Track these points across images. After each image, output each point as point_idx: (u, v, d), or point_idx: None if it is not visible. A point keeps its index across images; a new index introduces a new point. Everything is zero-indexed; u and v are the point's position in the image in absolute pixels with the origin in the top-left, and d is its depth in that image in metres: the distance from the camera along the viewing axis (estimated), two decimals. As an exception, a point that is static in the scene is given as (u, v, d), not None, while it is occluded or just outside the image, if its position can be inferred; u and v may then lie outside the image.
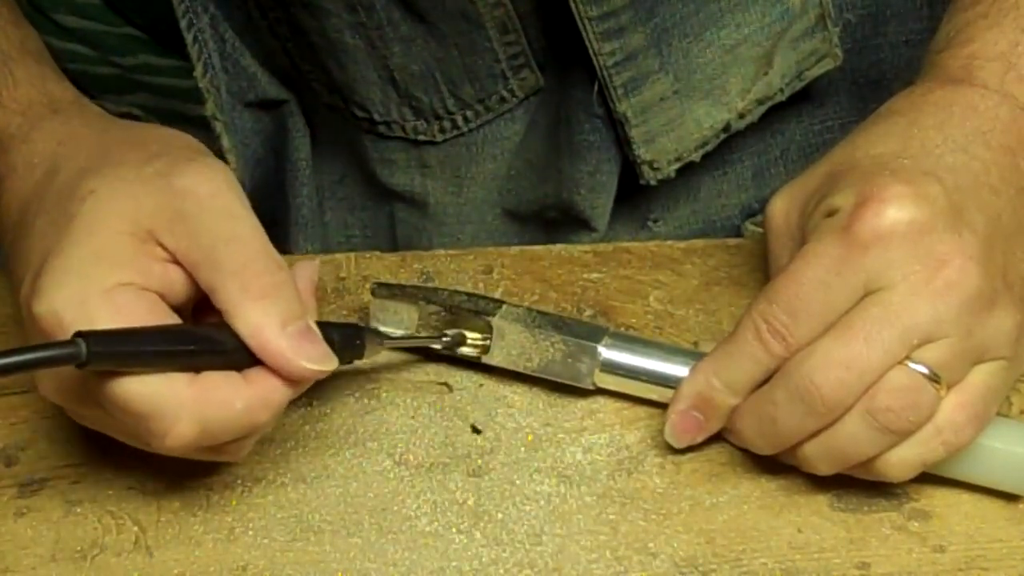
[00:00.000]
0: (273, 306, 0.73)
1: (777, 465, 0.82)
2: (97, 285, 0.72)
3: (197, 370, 0.72)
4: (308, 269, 0.81)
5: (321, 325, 0.76)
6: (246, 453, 0.79)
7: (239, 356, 0.73)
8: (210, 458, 0.78)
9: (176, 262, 0.74)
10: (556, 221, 1.05)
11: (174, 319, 0.74)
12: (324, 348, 0.75)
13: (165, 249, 0.74)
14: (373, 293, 0.87)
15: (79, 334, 0.68)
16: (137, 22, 1.03)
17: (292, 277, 0.75)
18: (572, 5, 0.91)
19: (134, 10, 1.02)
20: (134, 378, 0.71)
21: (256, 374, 0.73)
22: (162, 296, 0.74)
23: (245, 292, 0.73)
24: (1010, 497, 0.82)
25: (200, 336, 0.73)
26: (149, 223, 0.74)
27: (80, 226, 0.73)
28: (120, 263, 0.73)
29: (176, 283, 0.75)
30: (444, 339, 0.86)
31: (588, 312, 0.91)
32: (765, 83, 1.00)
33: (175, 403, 0.71)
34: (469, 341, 0.86)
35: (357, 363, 0.83)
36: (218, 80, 0.97)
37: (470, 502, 0.82)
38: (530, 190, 1.05)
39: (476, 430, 0.86)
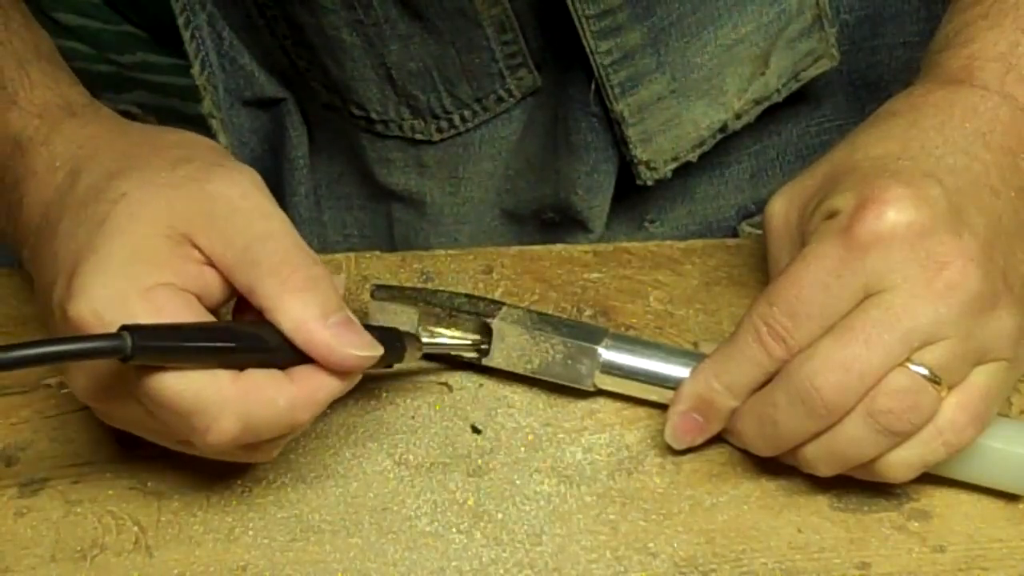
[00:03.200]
0: (313, 299, 0.73)
1: (777, 465, 0.82)
2: (137, 284, 0.72)
3: (240, 367, 0.72)
4: (336, 283, 0.80)
5: (363, 327, 0.76)
6: (278, 453, 0.79)
7: (282, 354, 0.73)
8: (245, 458, 0.78)
9: (211, 264, 0.74)
10: (553, 222, 1.05)
11: (211, 320, 0.74)
12: (368, 336, 0.75)
13: (200, 251, 0.74)
14: (372, 295, 0.87)
15: (125, 327, 0.68)
16: (135, 20, 1.03)
17: (327, 271, 0.75)
18: (569, 3, 0.91)
19: (132, 8, 1.02)
20: (177, 373, 0.71)
21: (300, 372, 0.73)
22: (198, 298, 0.74)
23: (284, 287, 0.73)
24: (1010, 497, 0.82)
25: (243, 333, 0.73)
26: (183, 226, 0.74)
27: (114, 227, 0.73)
28: (158, 263, 0.73)
29: (211, 285, 0.75)
30: (482, 347, 0.86)
31: (588, 312, 0.91)
32: (762, 83, 1.00)
33: (219, 399, 0.71)
34: (469, 343, 0.86)
35: (397, 367, 0.83)
36: (215, 78, 0.97)
37: (470, 502, 0.82)
38: (528, 190, 1.05)
39: (476, 430, 0.86)
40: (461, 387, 0.88)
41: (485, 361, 0.86)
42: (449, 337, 0.87)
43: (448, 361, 0.88)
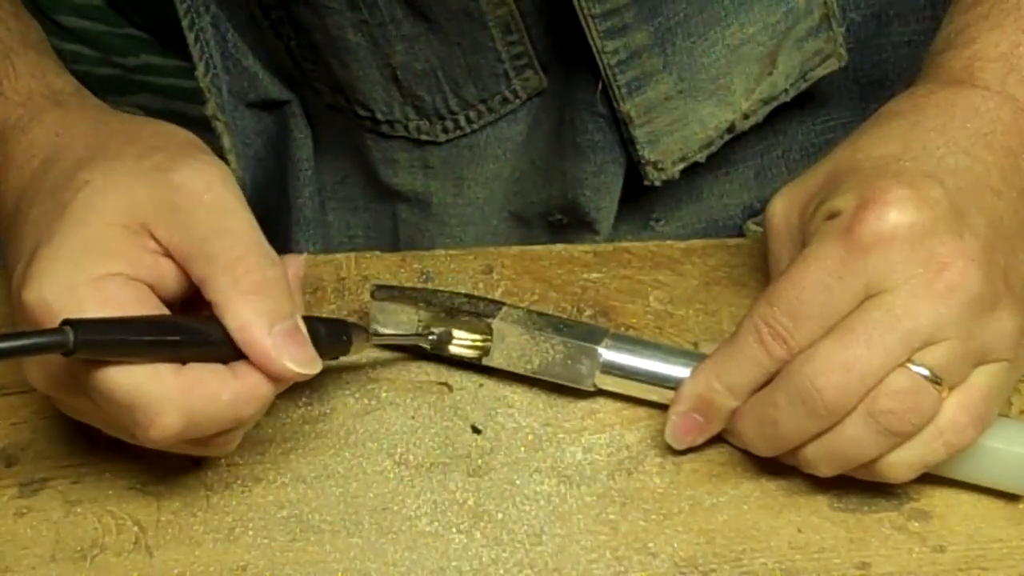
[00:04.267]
0: (262, 303, 0.73)
1: (777, 465, 0.82)
2: (86, 274, 0.72)
3: (184, 361, 0.72)
4: (295, 264, 0.80)
5: (308, 319, 0.76)
6: (234, 447, 0.78)
7: (226, 349, 0.73)
8: (197, 452, 0.78)
9: (168, 255, 0.75)
10: (560, 223, 1.05)
11: (164, 311, 0.74)
12: (309, 351, 0.75)
13: (158, 242, 0.74)
14: (373, 295, 0.87)
15: (67, 322, 0.68)
16: (138, 23, 1.03)
17: (285, 274, 0.75)
18: (575, 3, 0.91)
19: (135, 10, 1.02)
20: (119, 368, 0.71)
21: (243, 367, 0.73)
22: (153, 288, 0.74)
23: (235, 286, 0.73)
24: (1010, 497, 0.82)
25: (188, 327, 0.73)
26: (143, 215, 0.74)
27: (73, 216, 0.74)
28: (110, 253, 0.73)
29: (167, 276, 0.75)
30: (431, 337, 0.86)
31: (588, 312, 0.91)
32: (770, 83, 1.00)
33: (160, 394, 0.71)
34: (469, 343, 0.86)
35: (348, 359, 0.83)
36: (219, 80, 0.97)
37: (470, 502, 0.82)
38: (534, 191, 1.05)
39: (476, 430, 0.86)
40: (461, 387, 0.88)
41: (485, 361, 0.86)
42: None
43: (448, 361, 0.88)
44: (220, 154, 0.92)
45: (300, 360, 0.74)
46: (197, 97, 0.96)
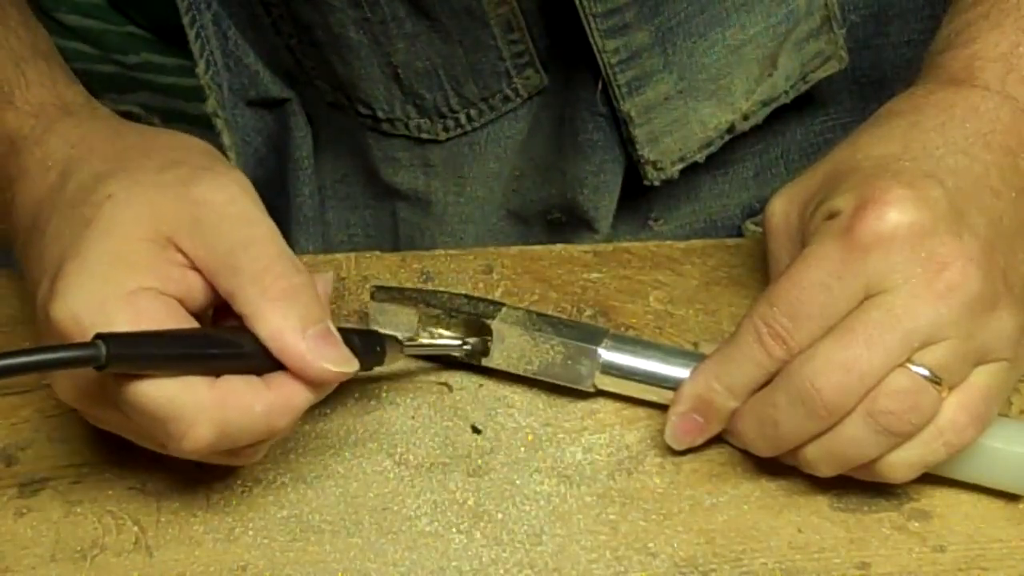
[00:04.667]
0: (292, 309, 0.73)
1: (777, 465, 0.82)
2: (117, 288, 0.72)
3: (217, 374, 0.72)
4: (323, 281, 0.80)
5: (341, 330, 0.76)
6: (261, 457, 0.79)
7: (259, 360, 0.73)
8: (226, 462, 0.78)
9: (195, 268, 0.75)
10: (559, 222, 1.05)
11: (193, 325, 0.74)
12: (345, 350, 0.75)
13: (184, 255, 0.74)
14: (372, 296, 0.87)
15: (99, 336, 0.68)
16: (138, 20, 1.03)
17: (311, 280, 0.75)
18: (576, 2, 0.91)
19: (136, 8, 1.03)
20: (153, 381, 0.71)
21: (277, 379, 0.73)
22: (181, 302, 0.74)
23: (264, 295, 0.73)
24: (1010, 497, 0.82)
25: (220, 340, 0.73)
26: (168, 229, 0.74)
27: (99, 230, 0.74)
28: (140, 267, 0.73)
29: (195, 289, 0.75)
30: (465, 347, 0.86)
31: (588, 312, 0.91)
32: (770, 84, 1.00)
33: (194, 406, 0.71)
34: (468, 345, 0.86)
35: (378, 370, 0.83)
36: (220, 77, 0.97)
37: (470, 502, 0.82)
38: (534, 190, 1.05)
39: (476, 430, 0.86)
40: (461, 387, 0.88)
41: (485, 362, 0.86)
42: (449, 338, 0.87)
43: (448, 361, 0.88)
44: (220, 152, 0.92)
45: (336, 360, 0.74)
46: (197, 95, 0.96)
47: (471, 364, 0.87)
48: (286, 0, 0.96)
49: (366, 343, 0.80)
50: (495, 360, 0.86)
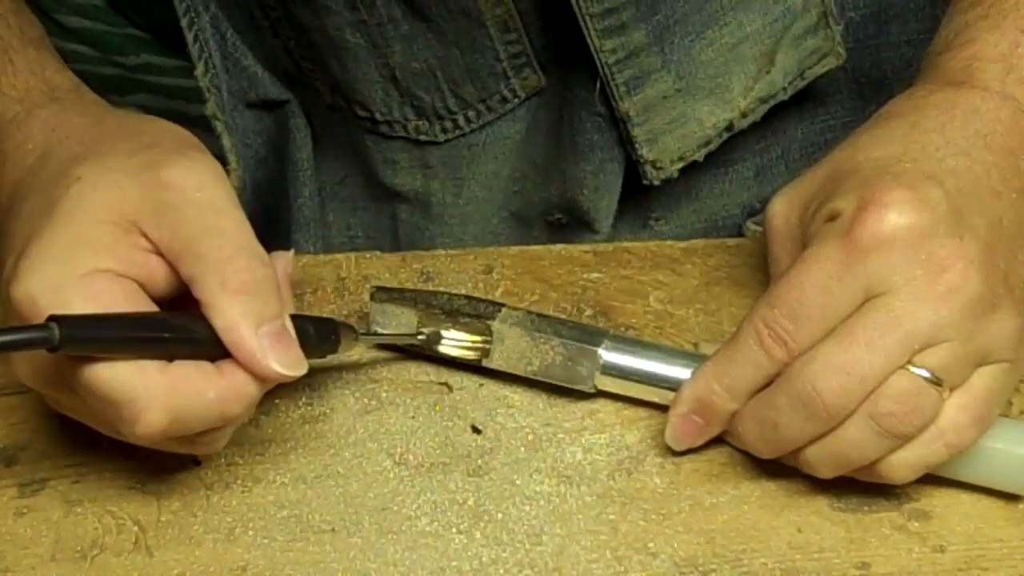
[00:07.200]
0: (250, 304, 0.73)
1: (777, 465, 0.82)
2: (74, 270, 0.72)
3: (170, 359, 0.72)
4: (283, 261, 0.80)
5: (296, 318, 0.76)
6: (223, 445, 0.78)
7: (213, 347, 0.73)
8: (185, 450, 0.78)
9: (159, 253, 0.74)
10: (559, 223, 1.05)
11: (153, 308, 0.74)
12: (295, 352, 0.75)
13: (148, 239, 0.74)
14: (372, 297, 0.87)
15: (52, 318, 0.68)
16: (139, 22, 1.03)
17: (274, 275, 0.75)
18: (573, 1, 0.91)
19: (136, 10, 1.02)
20: (105, 364, 0.71)
21: (229, 366, 0.73)
22: (142, 285, 0.74)
23: (224, 287, 0.73)
24: (1010, 497, 0.82)
25: (175, 325, 0.73)
26: (133, 213, 0.74)
27: (63, 212, 0.74)
28: (99, 250, 0.73)
29: (157, 273, 0.74)
30: (420, 336, 0.86)
31: (588, 312, 0.91)
32: (767, 82, 1.00)
33: (146, 391, 0.71)
34: (469, 344, 0.86)
35: (348, 359, 0.83)
36: (219, 80, 0.97)
37: (470, 502, 0.82)
38: (534, 191, 1.05)
39: (476, 430, 0.86)
40: (461, 387, 0.88)
41: (485, 363, 0.86)
42: (449, 338, 0.87)
43: (448, 361, 0.88)
44: (220, 154, 0.92)
45: (286, 362, 0.74)
46: (197, 97, 0.96)
47: (471, 364, 0.87)
48: (283, 3, 0.96)
49: (320, 331, 0.80)
50: (495, 361, 0.86)
